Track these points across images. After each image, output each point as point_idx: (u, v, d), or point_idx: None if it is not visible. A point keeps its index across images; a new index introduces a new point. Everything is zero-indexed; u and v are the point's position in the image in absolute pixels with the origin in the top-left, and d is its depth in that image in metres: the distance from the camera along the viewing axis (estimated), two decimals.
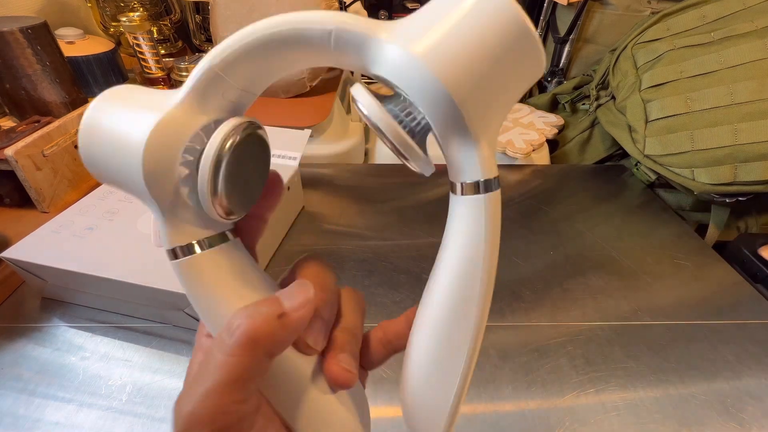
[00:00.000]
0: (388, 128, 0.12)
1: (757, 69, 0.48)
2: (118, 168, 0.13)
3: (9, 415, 0.29)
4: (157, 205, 0.13)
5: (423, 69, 0.11)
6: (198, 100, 0.13)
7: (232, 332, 0.13)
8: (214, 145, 0.13)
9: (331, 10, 0.59)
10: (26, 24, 0.48)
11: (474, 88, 0.12)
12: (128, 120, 0.13)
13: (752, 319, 0.38)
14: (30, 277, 0.35)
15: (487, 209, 0.13)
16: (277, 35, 0.13)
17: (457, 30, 0.11)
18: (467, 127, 0.12)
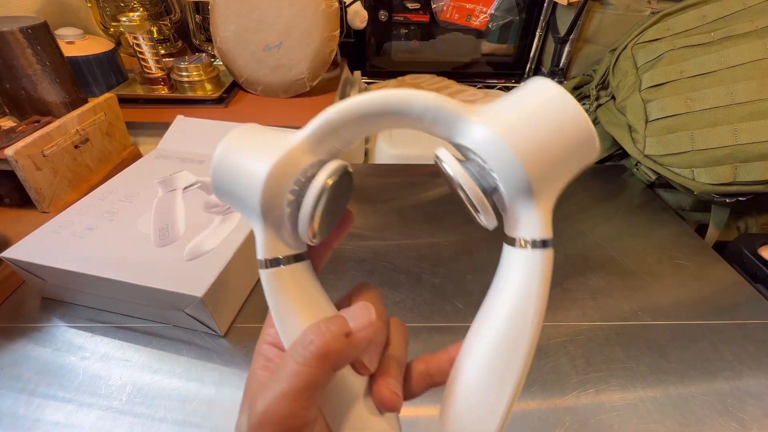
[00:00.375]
0: (470, 188, 0.16)
1: (757, 69, 0.48)
2: (240, 190, 0.16)
3: (9, 415, 0.29)
4: (262, 223, 0.16)
5: (507, 149, 0.15)
6: (310, 144, 0.17)
7: (306, 345, 0.15)
8: (319, 181, 0.16)
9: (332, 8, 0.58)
10: (26, 24, 0.48)
11: (543, 167, 0.15)
12: (253, 156, 0.16)
13: (752, 319, 0.38)
14: (30, 277, 0.35)
15: (543, 264, 0.16)
16: (386, 107, 0.16)
17: (534, 122, 0.15)
18: (533, 195, 0.15)
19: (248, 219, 0.17)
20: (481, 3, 0.83)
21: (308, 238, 0.17)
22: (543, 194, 0.16)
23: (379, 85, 0.86)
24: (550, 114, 0.15)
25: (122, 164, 0.53)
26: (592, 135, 0.15)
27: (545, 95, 0.15)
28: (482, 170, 0.16)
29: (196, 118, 0.52)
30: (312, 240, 0.17)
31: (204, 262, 0.34)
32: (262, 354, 0.18)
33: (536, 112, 0.15)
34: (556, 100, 0.15)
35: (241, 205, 0.17)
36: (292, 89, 0.66)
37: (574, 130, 0.15)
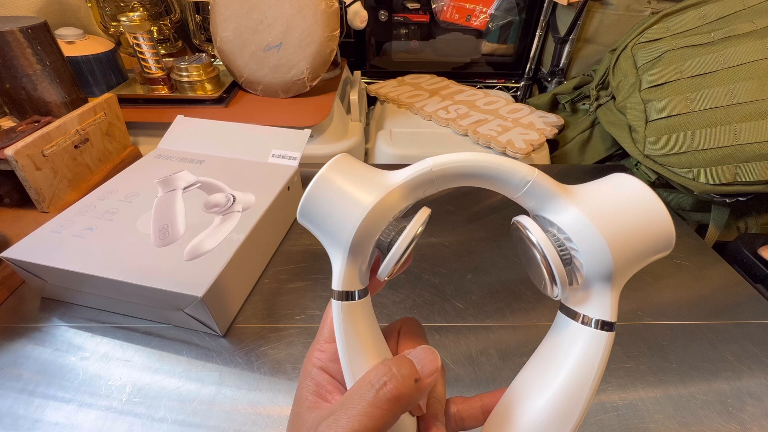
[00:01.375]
0: (554, 259, 0.17)
1: (757, 69, 0.48)
2: (333, 222, 0.17)
3: (9, 415, 0.29)
4: (345, 257, 0.17)
5: (599, 237, 0.16)
6: (407, 189, 0.18)
7: (379, 387, 0.15)
8: (413, 230, 0.17)
9: (332, 8, 0.58)
10: (26, 24, 0.48)
11: (626, 257, 0.17)
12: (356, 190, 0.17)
13: (752, 319, 0.38)
14: (30, 277, 0.35)
15: (606, 345, 0.17)
16: (486, 170, 0.17)
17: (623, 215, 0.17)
18: (612, 278, 0.17)
19: (330, 249, 0.18)
20: (481, 3, 0.83)
21: (387, 275, 0.18)
22: (619, 281, 0.17)
23: (379, 85, 0.86)
24: (638, 209, 0.17)
25: (122, 164, 0.53)
26: (671, 233, 0.17)
27: (634, 191, 0.17)
28: (561, 244, 0.17)
29: (196, 118, 0.52)
30: (388, 277, 0.18)
31: (204, 262, 0.34)
32: (312, 378, 0.18)
33: (626, 207, 0.17)
34: (644, 198, 0.17)
35: (328, 236, 0.18)
36: (292, 89, 0.66)
37: (657, 227, 0.17)
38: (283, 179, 0.44)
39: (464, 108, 0.76)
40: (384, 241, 0.17)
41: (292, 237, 0.47)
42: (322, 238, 0.18)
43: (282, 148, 0.48)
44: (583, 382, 0.17)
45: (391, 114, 0.77)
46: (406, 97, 0.80)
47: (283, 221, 0.46)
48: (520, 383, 0.19)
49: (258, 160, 0.48)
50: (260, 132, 0.50)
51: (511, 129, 0.69)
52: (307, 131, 0.50)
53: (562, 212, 0.17)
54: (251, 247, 0.38)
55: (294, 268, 0.42)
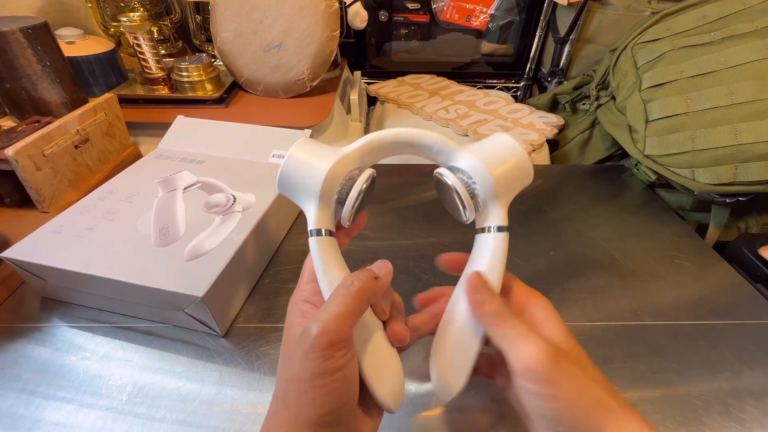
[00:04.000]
0: (462, 192, 0.24)
1: (757, 69, 0.48)
2: (303, 184, 0.24)
3: (9, 415, 0.29)
4: (317, 204, 0.24)
5: (486, 171, 0.24)
6: (355, 156, 0.25)
7: (348, 285, 0.21)
8: (359, 184, 0.24)
9: (332, 8, 0.58)
10: (26, 24, 0.48)
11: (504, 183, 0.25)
12: (316, 159, 0.24)
13: (752, 319, 0.38)
14: (30, 277, 0.35)
15: (504, 241, 0.25)
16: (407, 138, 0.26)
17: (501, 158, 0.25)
18: (497, 199, 0.25)
19: (303, 204, 0.25)
20: (481, 3, 0.83)
21: (346, 220, 0.25)
22: (504, 199, 0.25)
23: (379, 86, 0.86)
24: (511, 154, 0.25)
25: (122, 164, 0.53)
26: (531, 170, 0.26)
27: (507, 142, 0.26)
28: (467, 183, 0.25)
29: (197, 119, 0.52)
30: (347, 222, 0.25)
31: (204, 262, 0.34)
32: (298, 308, 0.23)
33: (501, 152, 0.25)
34: (512, 146, 0.25)
35: (302, 191, 0.24)
36: (292, 89, 0.66)
37: (522, 165, 0.25)
38: None
39: (464, 108, 0.76)
40: (342, 195, 0.24)
41: (292, 237, 0.47)
42: (296, 199, 0.25)
43: (282, 148, 0.48)
44: (493, 269, 0.24)
45: (391, 114, 0.77)
46: (406, 97, 0.80)
47: (283, 221, 0.46)
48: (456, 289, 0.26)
49: (258, 160, 0.48)
50: (260, 132, 0.50)
51: (511, 129, 0.69)
52: (308, 131, 0.50)
53: (463, 159, 0.25)
54: (251, 247, 0.38)
55: (294, 268, 0.42)
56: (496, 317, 0.22)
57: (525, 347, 0.20)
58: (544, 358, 0.20)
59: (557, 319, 0.23)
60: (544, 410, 0.20)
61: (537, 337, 0.21)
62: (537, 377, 0.20)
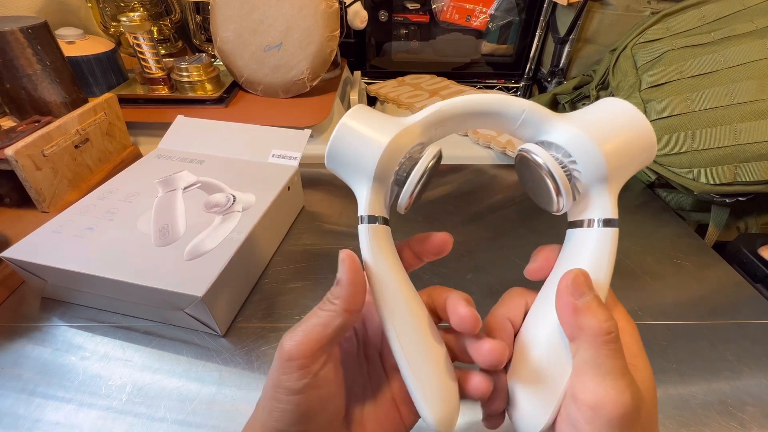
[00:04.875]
0: (558, 173, 0.19)
1: (757, 69, 0.48)
2: (359, 157, 0.19)
3: (9, 415, 0.29)
4: (371, 185, 0.20)
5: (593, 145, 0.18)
6: (420, 129, 0.20)
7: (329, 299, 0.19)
8: (424, 163, 0.19)
9: (332, 8, 0.58)
10: (26, 24, 0.48)
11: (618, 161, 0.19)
12: (374, 131, 0.20)
13: (752, 319, 0.38)
14: (30, 277, 0.35)
15: (613, 238, 0.19)
16: (486, 106, 0.20)
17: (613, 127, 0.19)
18: (608, 183, 0.19)
19: (354, 183, 0.20)
20: (481, 3, 0.83)
21: (404, 207, 0.20)
22: (615, 183, 0.19)
23: (379, 86, 0.86)
24: (626, 123, 0.19)
25: (122, 164, 0.53)
26: (654, 143, 0.19)
27: (621, 108, 0.19)
28: (563, 162, 0.19)
29: (197, 118, 0.52)
30: (404, 210, 0.21)
31: (204, 262, 0.34)
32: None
33: (614, 120, 0.19)
34: (631, 113, 0.19)
35: (354, 168, 0.20)
36: (292, 89, 0.66)
37: (643, 137, 0.19)
38: (284, 179, 0.44)
39: None
40: (400, 175, 0.20)
41: (292, 237, 0.47)
42: (347, 177, 0.21)
43: (282, 148, 0.48)
44: (600, 275, 0.18)
45: (392, 114, 0.76)
46: (406, 97, 0.80)
47: (283, 221, 0.46)
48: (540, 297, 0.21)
49: (258, 160, 0.48)
50: (260, 132, 0.50)
51: None
52: (308, 131, 0.50)
53: (557, 131, 0.19)
54: (251, 247, 0.38)
55: (294, 268, 0.42)
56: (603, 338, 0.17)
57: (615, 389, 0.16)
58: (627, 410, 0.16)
59: (646, 357, 0.18)
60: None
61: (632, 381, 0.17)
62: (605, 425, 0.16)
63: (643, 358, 0.18)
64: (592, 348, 0.17)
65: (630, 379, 0.17)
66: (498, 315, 0.21)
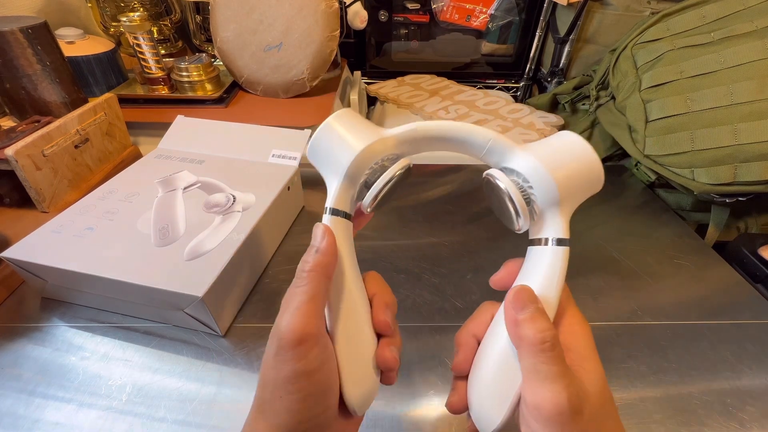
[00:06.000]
0: (517, 197, 0.21)
1: (756, 69, 0.48)
2: (335, 155, 0.22)
3: (9, 415, 0.29)
4: (341, 183, 0.22)
5: (547, 174, 0.21)
6: (395, 142, 0.23)
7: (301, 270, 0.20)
8: (392, 170, 0.21)
9: (332, 8, 0.58)
10: (26, 24, 0.48)
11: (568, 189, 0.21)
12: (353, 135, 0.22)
13: (752, 319, 0.38)
14: (30, 277, 0.35)
15: (564, 256, 0.21)
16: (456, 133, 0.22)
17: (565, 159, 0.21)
18: (559, 207, 0.21)
19: (328, 177, 0.23)
20: (481, 3, 0.83)
21: (367, 207, 0.22)
22: (566, 208, 0.21)
23: (379, 86, 0.86)
24: (577, 156, 0.21)
25: (122, 164, 0.53)
26: (601, 175, 0.22)
27: (576, 143, 0.22)
28: (522, 187, 0.21)
29: (197, 118, 0.52)
30: (368, 210, 0.23)
31: (204, 262, 0.34)
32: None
33: (565, 152, 0.22)
34: (583, 148, 0.22)
35: (330, 165, 0.22)
36: (292, 89, 0.66)
37: (593, 170, 0.22)
38: (284, 179, 0.44)
39: (464, 108, 0.76)
40: (370, 179, 0.22)
41: (292, 237, 0.47)
42: (323, 170, 0.23)
43: (282, 148, 0.48)
44: (549, 288, 0.21)
45: (391, 114, 0.77)
46: (406, 97, 0.80)
47: (283, 221, 0.46)
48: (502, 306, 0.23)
49: (258, 160, 0.48)
50: (260, 132, 0.50)
51: (511, 129, 0.69)
52: (308, 131, 0.50)
53: (518, 159, 0.22)
54: (251, 247, 0.38)
55: (294, 268, 0.42)
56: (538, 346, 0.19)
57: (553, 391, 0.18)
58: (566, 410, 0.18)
59: (597, 359, 0.20)
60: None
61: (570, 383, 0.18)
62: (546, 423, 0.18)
63: (592, 360, 0.20)
64: (531, 356, 0.19)
65: (567, 382, 0.18)
66: (465, 331, 0.24)
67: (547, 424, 0.18)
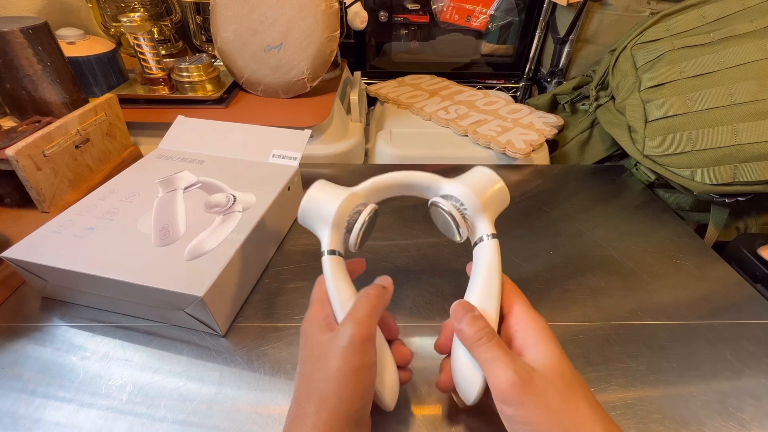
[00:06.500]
0: (457, 215, 0.30)
1: (756, 69, 0.48)
2: (320, 215, 0.29)
3: (9, 415, 0.29)
4: (330, 232, 0.29)
5: (473, 195, 0.30)
6: (363, 194, 0.31)
7: (367, 293, 0.26)
8: (364, 215, 0.29)
9: (332, 9, 0.58)
10: (27, 24, 0.48)
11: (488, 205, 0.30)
12: (330, 196, 0.30)
13: (752, 319, 0.38)
14: (30, 277, 0.35)
15: (497, 245, 0.29)
16: (403, 181, 0.32)
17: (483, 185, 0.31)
18: (485, 215, 0.30)
19: (319, 231, 0.30)
20: (481, 3, 0.83)
21: (353, 246, 0.30)
22: (489, 216, 0.30)
23: (379, 86, 0.86)
24: (491, 183, 0.31)
25: (123, 164, 0.53)
26: (507, 194, 0.31)
27: (488, 174, 0.31)
28: (458, 207, 0.30)
29: (197, 119, 0.52)
30: (354, 248, 0.30)
31: (204, 262, 0.34)
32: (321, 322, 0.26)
33: (485, 182, 0.31)
34: (492, 176, 0.31)
35: (318, 221, 0.30)
36: (292, 90, 0.66)
37: (500, 189, 0.31)
38: (284, 179, 0.44)
39: (464, 108, 0.76)
40: (350, 224, 0.30)
41: (292, 237, 0.47)
42: (314, 228, 0.30)
43: (282, 148, 0.48)
44: (493, 269, 0.28)
45: (391, 114, 0.77)
46: (406, 97, 0.80)
47: (283, 221, 0.46)
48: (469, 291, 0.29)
49: (258, 160, 0.48)
50: (260, 132, 0.50)
51: (510, 129, 0.69)
52: (308, 131, 0.50)
53: (452, 188, 0.31)
54: (252, 247, 0.38)
55: (294, 268, 0.43)
56: (475, 342, 0.24)
57: (499, 370, 0.22)
58: (516, 381, 0.21)
59: (549, 344, 0.24)
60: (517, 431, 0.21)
61: (511, 361, 0.22)
62: (509, 400, 0.21)
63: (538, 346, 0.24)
64: (475, 349, 0.24)
65: (509, 359, 0.22)
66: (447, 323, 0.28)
67: (508, 398, 0.21)
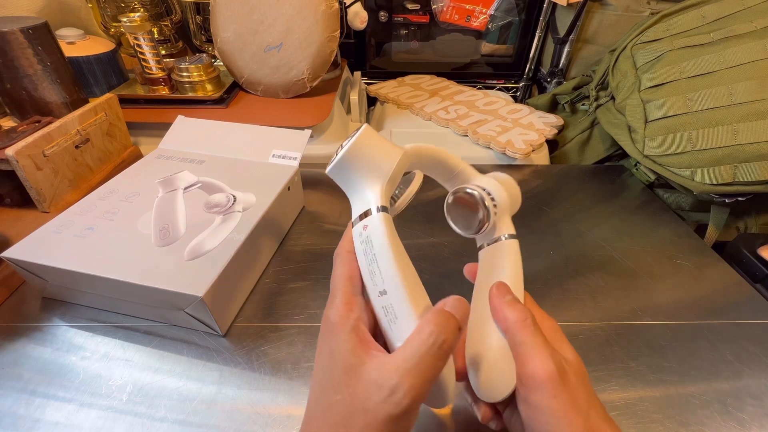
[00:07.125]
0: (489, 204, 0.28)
1: (756, 69, 0.48)
2: (375, 163, 0.24)
3: (9, 415, 0.29)
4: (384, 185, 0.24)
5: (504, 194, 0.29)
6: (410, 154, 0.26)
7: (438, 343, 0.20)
8: (419, 179, 0.30)
9: (332, 9, 0.58)
10: (27, 24, 0.48)
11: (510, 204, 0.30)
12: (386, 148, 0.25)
13: (752, 319, 0.38)
14: (30, 276, 0.35)
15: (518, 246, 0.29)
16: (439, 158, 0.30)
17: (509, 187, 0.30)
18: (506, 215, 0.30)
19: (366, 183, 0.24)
20: (481, 3, 0.83)
21: (395, 211, 0.28)
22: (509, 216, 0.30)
23: (379, 86, 0.86)
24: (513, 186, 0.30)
25: (123, 164, 0.53)
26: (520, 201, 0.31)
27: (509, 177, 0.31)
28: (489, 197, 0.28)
29: (197, 119, 0.52)
30: (395, 212, 0.28)
31: (204, 262, 0.34)
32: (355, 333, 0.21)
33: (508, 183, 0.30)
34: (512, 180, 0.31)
35: (370, 171, 0.24)
36: (292, 90, 0.66)
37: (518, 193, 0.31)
38: (284, 179, 0.44)
39: (464, 108, 0.76)
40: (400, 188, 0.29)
41: (293, 237, 0.47)
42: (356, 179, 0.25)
43: (282, 148, 0.48)
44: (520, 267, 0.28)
45: (391, 114, 0.77)
46: (406, 97, 0.80)
47: (283, 221, 0.46)
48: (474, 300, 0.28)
49: (258, 160, 0.48)
50: (261, 132, 0.50)
51: (510, 129, 0.69)
52: (308, 131, 0.50)
53: (482, 181, 0.30)
54: (252, 247, 0.38)
55: (294, 268, 0.43)
56: (520, 324, 0.22)
57: (538, 358, 0.21)
58: (554, 372, 0.20)
59: (567, 344, 0.23)
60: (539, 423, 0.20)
61: (553, 351, 0.21)
62: (542, 389, 0.20)
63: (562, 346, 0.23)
64: (516, 332, 0.22)
65: (551, 351, 0.21)
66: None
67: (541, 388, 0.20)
